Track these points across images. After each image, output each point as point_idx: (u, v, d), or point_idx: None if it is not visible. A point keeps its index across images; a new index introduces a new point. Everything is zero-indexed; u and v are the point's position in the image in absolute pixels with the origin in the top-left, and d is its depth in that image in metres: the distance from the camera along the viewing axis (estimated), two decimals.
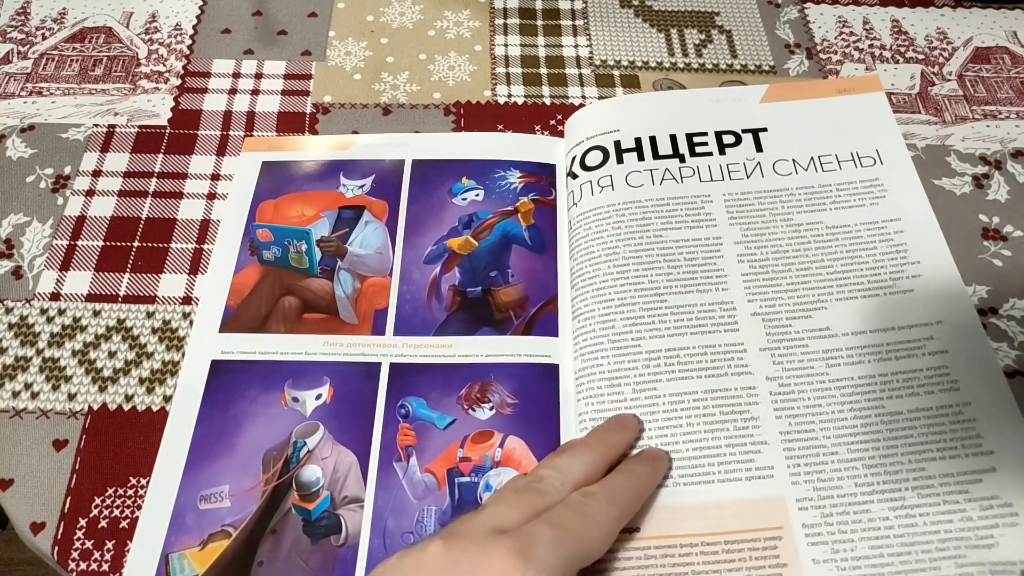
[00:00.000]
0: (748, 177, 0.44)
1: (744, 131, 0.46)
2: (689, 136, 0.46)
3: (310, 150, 0.48)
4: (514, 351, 0.40)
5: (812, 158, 0.45)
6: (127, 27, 0.55)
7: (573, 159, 0.46)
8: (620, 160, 0.44)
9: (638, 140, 0.45)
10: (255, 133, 0.49)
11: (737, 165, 0.44)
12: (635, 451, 0.35)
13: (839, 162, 0.44)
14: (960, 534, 0.32)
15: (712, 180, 0.44)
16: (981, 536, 0.32)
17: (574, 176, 0.45)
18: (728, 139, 0.46)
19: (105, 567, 0.34)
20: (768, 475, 0.34)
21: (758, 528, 0.33)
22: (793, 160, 0.44)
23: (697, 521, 0.33)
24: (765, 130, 0.46)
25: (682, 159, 0.45)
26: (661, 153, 0.45)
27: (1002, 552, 0.32)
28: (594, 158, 0.45)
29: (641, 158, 0.45)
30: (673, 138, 0.46)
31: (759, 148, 0.45)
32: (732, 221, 0.42)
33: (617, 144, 0.45)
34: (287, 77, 0.52)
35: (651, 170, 0.44)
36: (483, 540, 0.27)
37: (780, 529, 0.33)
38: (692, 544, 0.32)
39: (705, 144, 0.45)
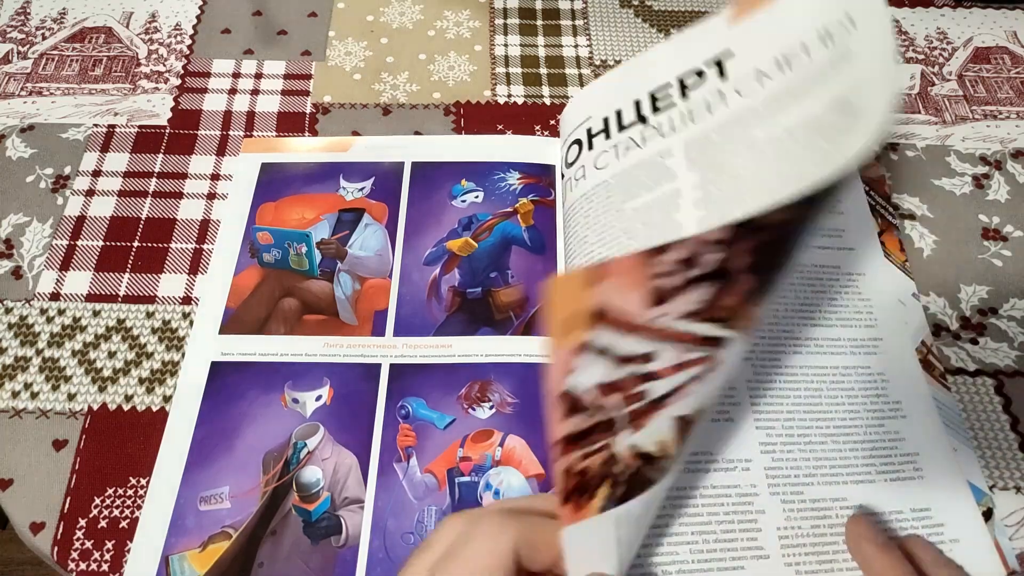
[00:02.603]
0: (711, 112, 0.40)
1: (707, 63, 0.41)
2: (652, 95, 0.42)
3: (308, 151, 0.48)
4: (514, 351, 0.40)
5: (777, 59, 0.38)
6: (127, 27, 0.55)
7: (562, 160, 0.45)
8: (591, 147, 0.43)
9: (605, 120, 0.43)
10: (255, 133, 0.49)
11: (699, 104, 0.40)
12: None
13: (808, 52, 0.37)
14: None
15: (674, 132, 0.40)
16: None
17: (563, 176, 0.45)
18: (690, 80, 0.41)
19: (105, 567, 0.34)
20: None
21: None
22: (758, 71, 0.39)
23: None
24: (731, 55, 0.40)
25: (644, 121, 0.42)
26: (625, 123, 0.42)
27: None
28: (572, 153, 0.44)
29: (608, 137, 0.43)
30: (637, 104, 0.43)
31: (723, 76, 0.40)
32: (691, 168, 0.39)
33: (588, 131, 0.44)
34: (287, 77, 0.52)
35: (615, 145, 0.42)
36: None
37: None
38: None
39: (669, 96, 0.42)
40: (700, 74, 0.40)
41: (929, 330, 0.41)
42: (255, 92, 0.51)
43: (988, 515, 0.35)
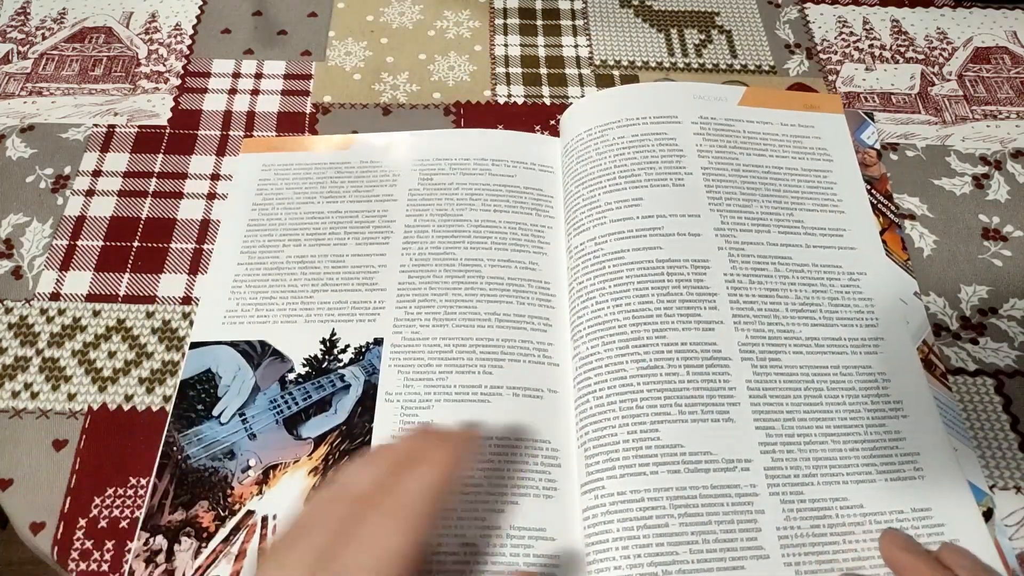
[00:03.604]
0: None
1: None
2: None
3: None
4: None
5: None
6: (127, 27, 0.55)
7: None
8: None
9: None
10: (255, 133, 0.49)
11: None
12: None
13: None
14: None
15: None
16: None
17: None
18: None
19: (105, 567, 0.34)
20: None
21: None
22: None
23: None
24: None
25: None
26: None
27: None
28: None
29: None
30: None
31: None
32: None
33: None
34: (287, 77, 0.52)
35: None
36: None
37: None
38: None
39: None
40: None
41: (930, 329, 0.41)
42: (255, 92, 0.51)
43: (988, 515, 0.35)
